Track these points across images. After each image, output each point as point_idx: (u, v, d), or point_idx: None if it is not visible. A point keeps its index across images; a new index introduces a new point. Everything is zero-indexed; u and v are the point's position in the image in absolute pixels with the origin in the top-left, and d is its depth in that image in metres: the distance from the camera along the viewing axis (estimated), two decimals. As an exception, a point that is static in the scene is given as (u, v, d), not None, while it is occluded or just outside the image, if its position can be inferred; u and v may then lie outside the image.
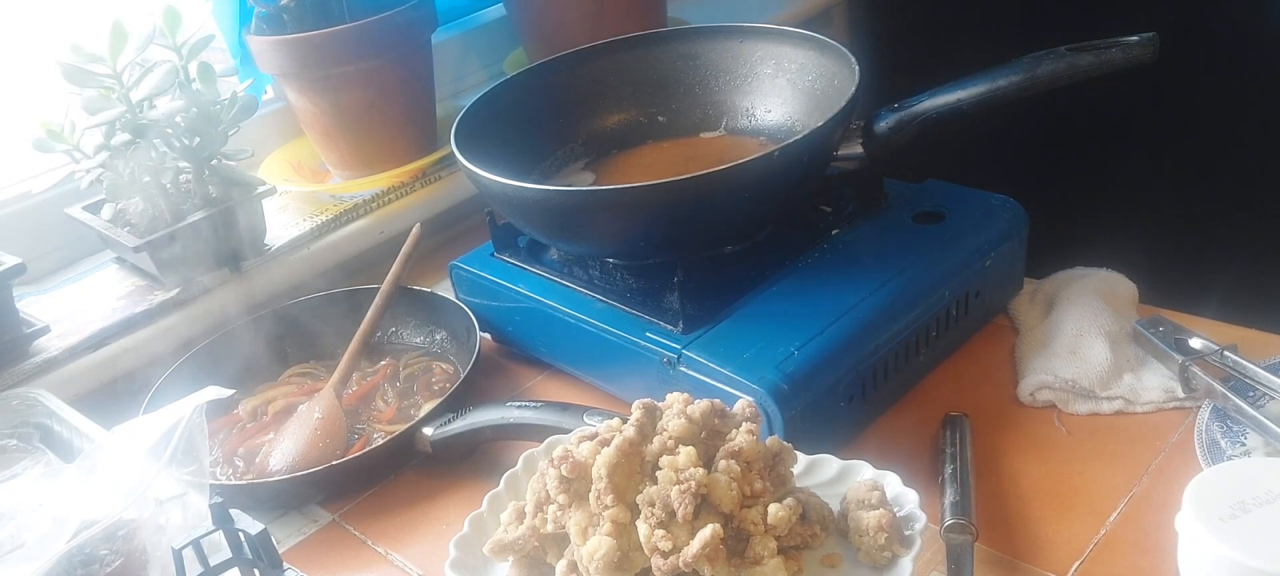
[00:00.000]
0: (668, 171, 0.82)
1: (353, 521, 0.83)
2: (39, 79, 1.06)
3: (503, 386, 0.96)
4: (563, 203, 0.85)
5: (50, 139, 0.99)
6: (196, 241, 1.02)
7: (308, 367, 1.00)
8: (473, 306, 0.98)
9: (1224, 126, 1.62)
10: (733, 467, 0.61)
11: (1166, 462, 0.76)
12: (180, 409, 0.70)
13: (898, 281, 0.84)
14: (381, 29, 1.11)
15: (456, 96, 1.38)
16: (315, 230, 1.12)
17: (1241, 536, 0.51)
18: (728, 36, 1.05)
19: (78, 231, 1.09)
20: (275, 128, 1.26)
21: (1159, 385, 0.81)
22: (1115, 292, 0.91)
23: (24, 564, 0.63)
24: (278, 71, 1.15)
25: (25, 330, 0.95)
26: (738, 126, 1.04)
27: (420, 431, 0.85)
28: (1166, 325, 0.83)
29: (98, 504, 0.67)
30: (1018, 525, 0.73)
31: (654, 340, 0.82)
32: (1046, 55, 0.86)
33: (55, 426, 0.85)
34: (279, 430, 0.90)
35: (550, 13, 1.32)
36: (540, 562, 0.65)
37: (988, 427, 0.81)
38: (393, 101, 1.16)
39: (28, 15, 1.13)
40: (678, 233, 0.85)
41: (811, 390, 0.76)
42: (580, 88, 1.07)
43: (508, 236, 0.98)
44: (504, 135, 0.99)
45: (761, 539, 0.60)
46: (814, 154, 0.85)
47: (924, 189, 0.96)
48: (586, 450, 0.63)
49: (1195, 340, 0.81)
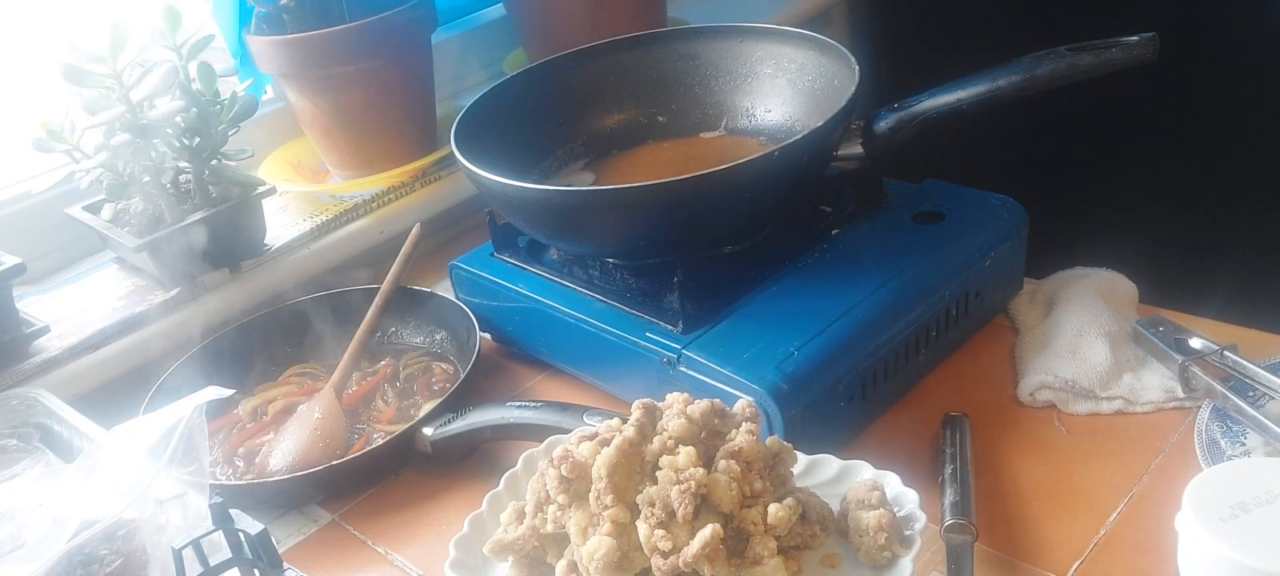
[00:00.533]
0: (668, 171, 0.82)
1: (353, 521, 0.83)
2: (39, 79, 1.06)
3: (503, 386, 0.96)
4: (563, 203, 0.85)
5: (50, 139, 0.99)
6: (196, 241, 1.02)
7: (308, 367, 1.00)
8: (473, 306, 0.98)
9: (1224, 126, 1.62)
10: (733, 467, 0.61)
11: (1166, 462, 0.76)
12: (180, 409, 0.70)
13: (898, 281, 0.84)
14: (381, 29, 1.11)
15: (456, 96, 1.38)
16: (315, 230, 1.12)
17: (1241, 536, 0.51)
18: (728, 36, 1.05)
19: (78, 231, 1.09)
20: (275, 128, 1.26)
21: (1159, 385, 0.81)
22: (1115, 292, 0.91)
23: (24, 564, 0.63)
24: (278, 71, 1.15)
25: (25, 330, 0.95)
26: (738, 126, 1.04)
27: (420, 431, 0.85)
28: (1167, 325, 0.83)
29: (98, 504, 0.66)
30: (1018, 525, 0.73)
31: (654, 340, 0.82)
32: (1046, 55, 0.86)
33: (55, 426, 0.85)
34: (279, 430, 0.90)
35: (550, 13, 1.32)
36: (540, 562, 0.65)
37: (988, 427, 0.81)
38: (393, 101, 1.16)
39: (28, 15, 1.13)
40: (678, 233, 0.85)
41: (811, 390, 0.76)
42: (580, 88, 1.07)
43: (508, 236, 0.98)
44: (504, 135, 0.99)
45: (761, 539, 0.60)
46: (814, 154, 0.85)
47: (924, 189, 0.96)
48: (586, 450, 0.63)
49: (1195, 340, 0.81)
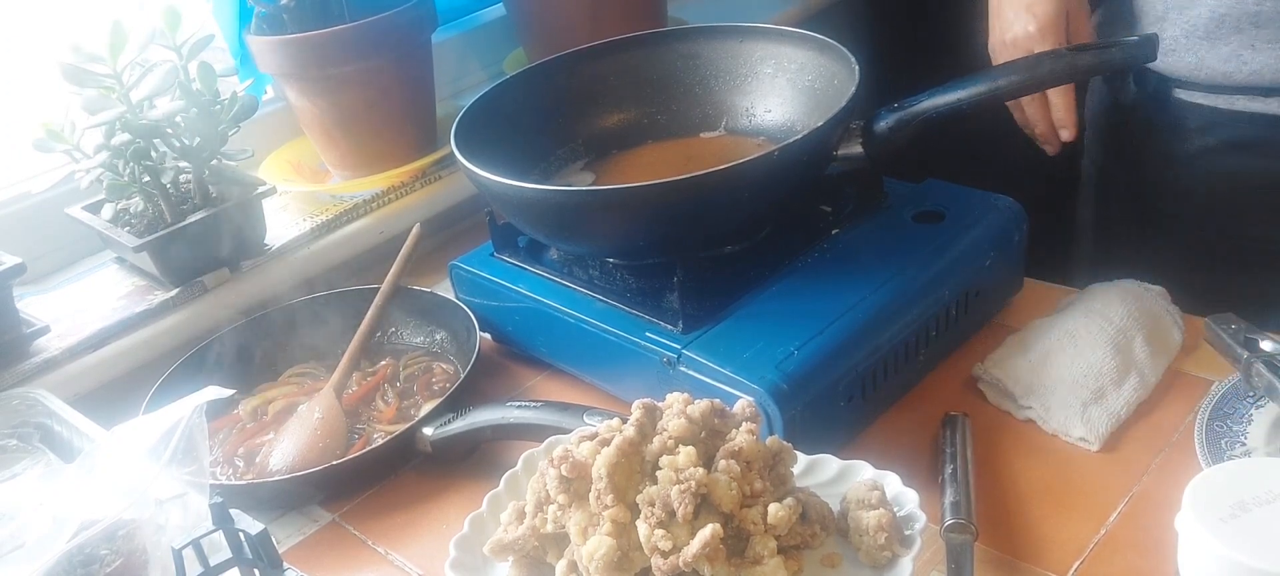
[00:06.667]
0: (668, 171, 0.82)
1: (353, 521, 0.83)
2: (39, 79, 1.06)
3: (503, 386, 0.96)
4: (563, 202, 0.85)
5: (50, 139, 0.99)
6: (196, 241, 1.02)
7: (308, 368, 1.00)
8: (473, 306, 0.98)
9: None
10: (733, 467, 0.61)
11: (1166, 462, 0.76)
12: (180, 409, 0.70)
13: (898, 281, 0.84)
14: (381, 29, 1.11)
15: (456, 96, 1.38)
16: (315, 230, 1.12)
17: (1241, 536, 0.51)
18: (728, 36, 1.05)
19: (78, 231, 1.09)
20: (275, 128, 1.26)
21: (1082, 418, 0.80)
22: (1141, 304, 0.89)
23: (24, 564, 0.63)
24: (278, 71, 1.15)
25: (25, 330, 0.95)
26: (738, 126, 1.04)
27: (420, 431, 0.85)
28: (1239, 324, 0.82)
29: (98, 504, 0.66)
30: (1018, 525, 0.73)
31: (654, 340, 0.82)
32: (1046, 55, 0.86)
33: (55, 426, 0.85)
34: (279, 430, 0.90)
35: (550, 13, 1.32)
36: (540, 562, 0.65)
37: (988, 427, 0.81)
38: (393, 101, 1.16)
39: (28, 15, 1.13)
40: (678, 233, 0.85)
41: (811, 390, 0.76)
42: (580, 88, 1.07)
43: (508, 236, 0.98)
44: (504, 135, 0.99)
45: (761, 539, 0.60)
46: (814, 154, 0.85)
47: (924, 189, 0.96)
48: (586, 450, 0.63)
49: (1267, 342, 0.80)
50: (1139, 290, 0.89)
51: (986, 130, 1.04)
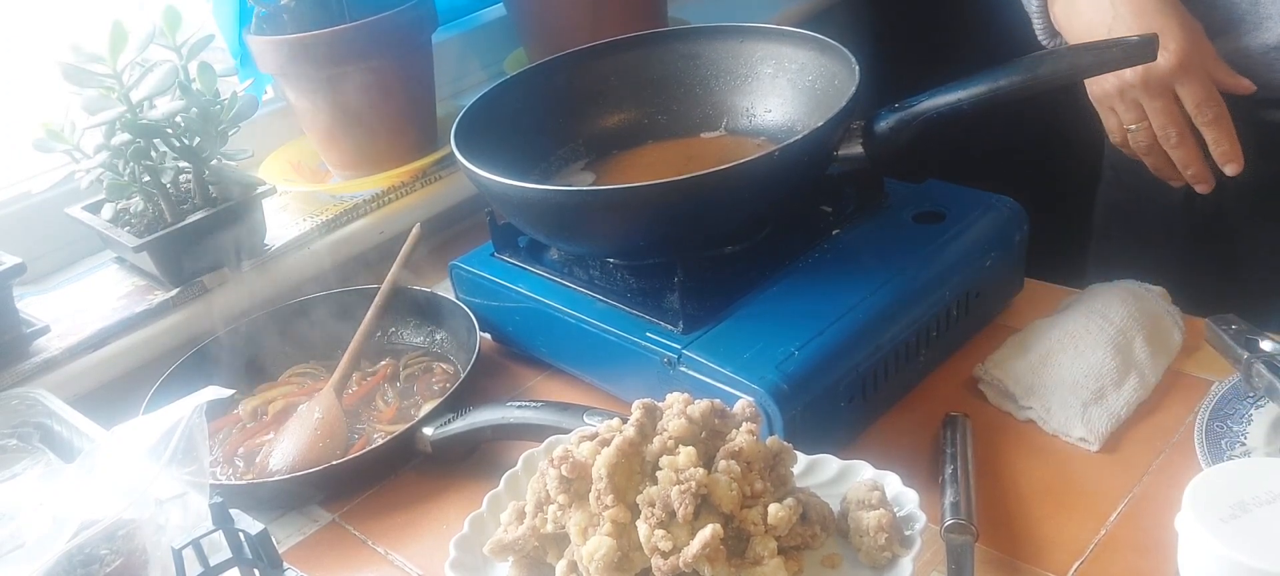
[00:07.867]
0: (668, 171, 0.82)
1: (353, 521, 0.83)
2: (39, 79, 1.06)
3: (503, 386, 0.96)
4: (563, 202, 0.85)
5: (50, 139, 0.99)
6: (196, 241, 1.02)
7: (308, 368, 1.00)
8: (473, 306, 0.98)
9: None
10: (733, 467, 0.61)
11: (1166, 462, 0.76)
12: (180, 409, 0.70)
13: (898, 281, 0.84)
14: (381, 29, 1.11)
15: (456, 96, 1.38)
16: (315, 230, 1.12)
17: (1241, 536, 0.51)
18: (728, 36, 1.05)
19: (78, 231, 1.09)
20: (275, 128, 1.26)
21: (1082, 418, 0.80)
22: (1140, 305, 0.89)
23: (24, 564, 0.63)
24: (278, 71, 1.15)
25: (25, 330, 0.95)
26: (738, 126, 1.04)
27: (420, 431, 0.85)
28: (1240, 324, 0.82)
29: (98, 504, 0.66)
30: (1018, 525, 0.73)
31: (654, 340, 0.82)
32: (1046, 55, 0.86)
33: (55, 426, 0.85)
34: (279, 430, 0.90)
35: (550, 13, 1.32)
36: (540, 562, 0.65)
37: (988, 428, 0.81)
38: (393, 101, 1.16)
39: (28, 15, 1.13)
40: (678, 233, 0.85)
41: (811, 390, 0.76)
42: (580, 88, 1.07)
43: (508, 236, 0.98)
44: (504, 135, 0.99)
45: (761, 539, 0.60)
46: (814, 154, 0.85)
47: (924, 189, 0.96)
48: (586, 450, 0.63)
49: (1266, 342, 0.80)
50: (1139, 290, 0.89)
51: (987, 130, 1.04)
